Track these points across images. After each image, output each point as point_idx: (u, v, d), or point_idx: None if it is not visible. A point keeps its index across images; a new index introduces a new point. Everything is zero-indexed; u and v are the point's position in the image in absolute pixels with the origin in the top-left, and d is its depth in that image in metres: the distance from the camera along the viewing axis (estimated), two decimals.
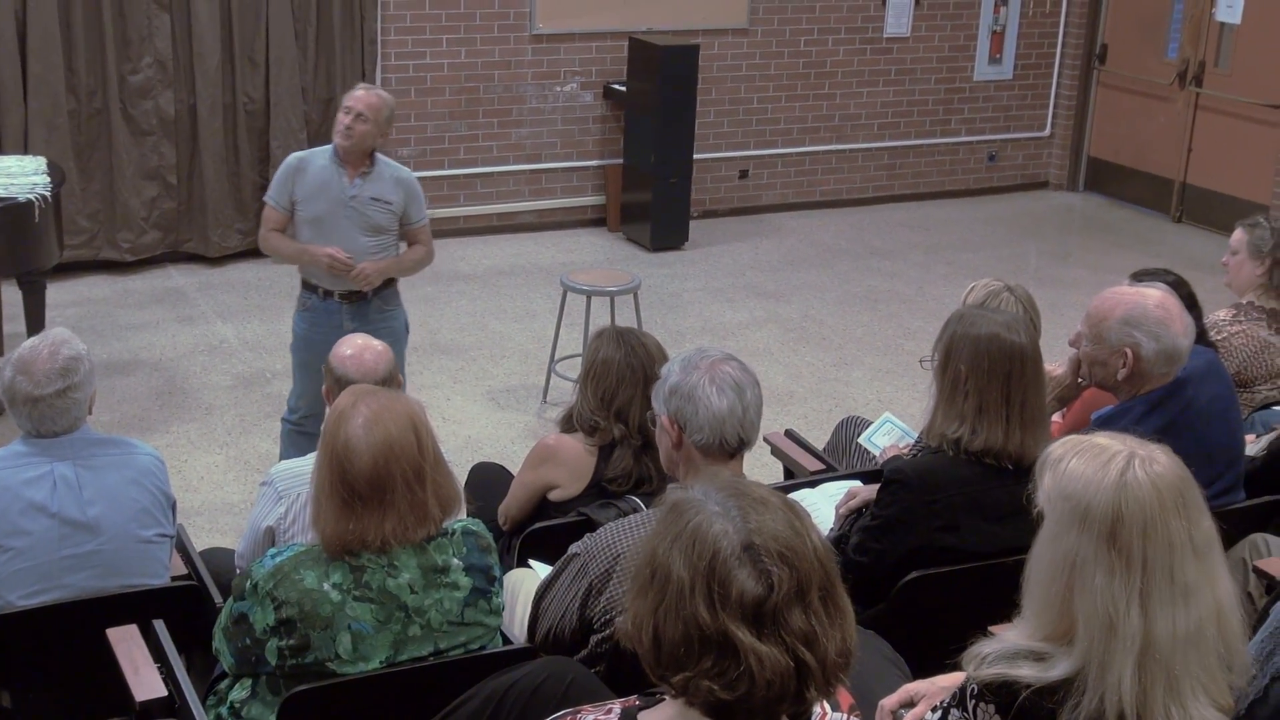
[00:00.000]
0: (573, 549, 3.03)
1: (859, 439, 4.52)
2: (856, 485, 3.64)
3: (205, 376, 6.66)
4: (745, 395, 2.97)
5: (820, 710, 1.90)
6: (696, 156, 8.96)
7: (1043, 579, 2.18)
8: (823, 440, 4.83)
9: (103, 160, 7.81)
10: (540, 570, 3.46)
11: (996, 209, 10.21)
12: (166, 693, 3.02)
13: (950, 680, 2.46)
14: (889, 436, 4.41)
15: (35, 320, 6.00)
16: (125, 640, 3.17)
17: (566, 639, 2.99)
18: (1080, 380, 3.75)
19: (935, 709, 2.35)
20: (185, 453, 5.86)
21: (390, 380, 3.75)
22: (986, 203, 10.34)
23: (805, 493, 3.85)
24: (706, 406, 2.94)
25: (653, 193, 8.71)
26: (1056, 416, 4.01)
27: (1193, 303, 4.22)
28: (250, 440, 6.00)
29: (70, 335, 3.51)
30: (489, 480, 4.37)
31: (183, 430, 6.09)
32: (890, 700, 2.57)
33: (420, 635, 2.88)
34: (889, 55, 9.85)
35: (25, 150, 7.30)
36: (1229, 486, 3.67)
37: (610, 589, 2.90)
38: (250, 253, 7.94)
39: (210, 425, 6.15)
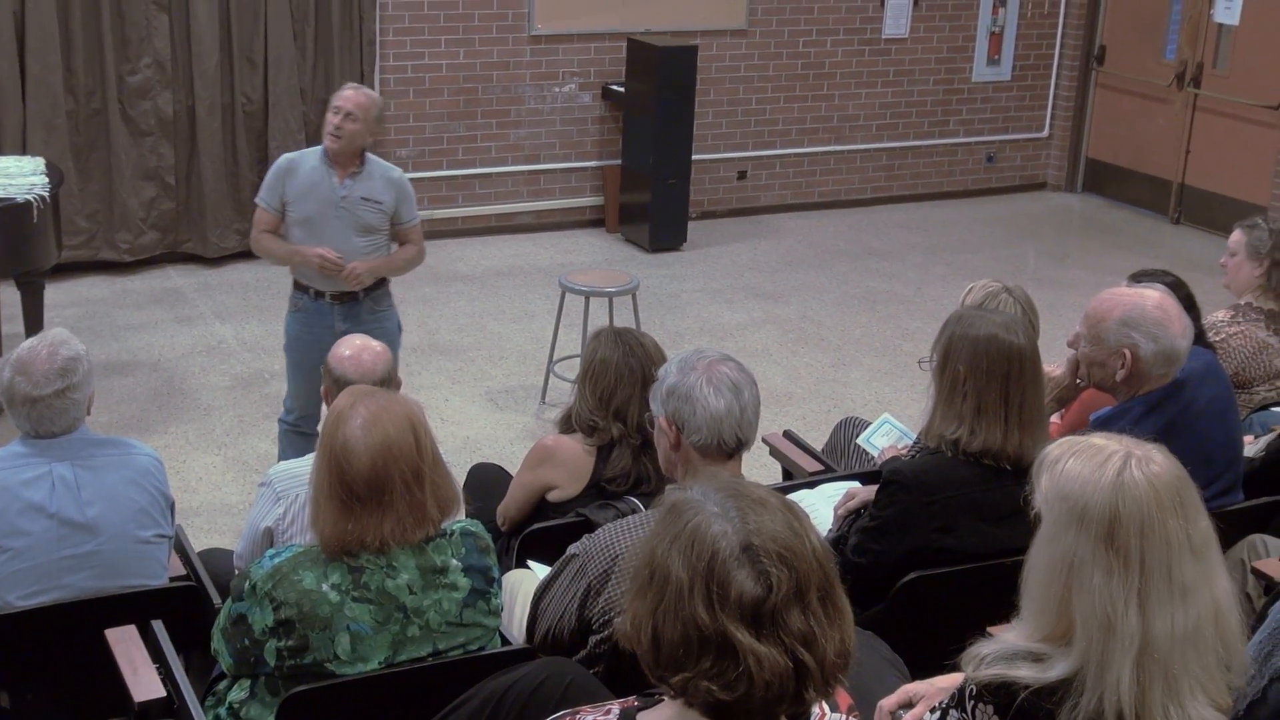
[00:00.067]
0: (571, 550, 3.04)
1: (857, 440, 4.52)
2: (855, 486, 3.64)
3: (204, 377, 6.66)
4: (743, 395, 2.97)
5: (819, 711, 1.91)
6: (695, 157, 8.96)
7: (1041, 580, 2.18)
8: (821, 441, 4.83)
9: (101, 161, 7.81)
10: (539, 571, 3.46)
11: (995, 210, 10.21)
12: (165, 693, 3.03)
13: (949, 681, 2.46)
14: (887, 437, 4.41)
15: (33, 321, 6.00)
16: (124, 641, 3.17)
17: (565, 640, 2.99)
18: (1079, 381, 3.75)
19: (934, 710, 2.35)
20: (184, 453, 5.86)
21: (389, 381, 3.75)
22: (985, 204, 10.34)
23: (804, 493, 3.85)
24: (704, 407, 2.94)
25: (651, 193, 8.70)
26: (1055, 417, 4.01)
27: (1191, 304, 4.23)
28: (249, 441, 6.00)
29: (69, 336, 3.50)
30: (487, 481, 4.37)
31: (181, 431, 6.09)
32: (889, 701, 2.57)
33: (419, 636, 2.88)
34: (887, 56, 9.86)
35: (24, 151, 7.29)
36: (1227, 487, 3.67)
37: (609, 590, 2.90)
38: (249, 253, 7.85)
39: (209, 426, 6.15)
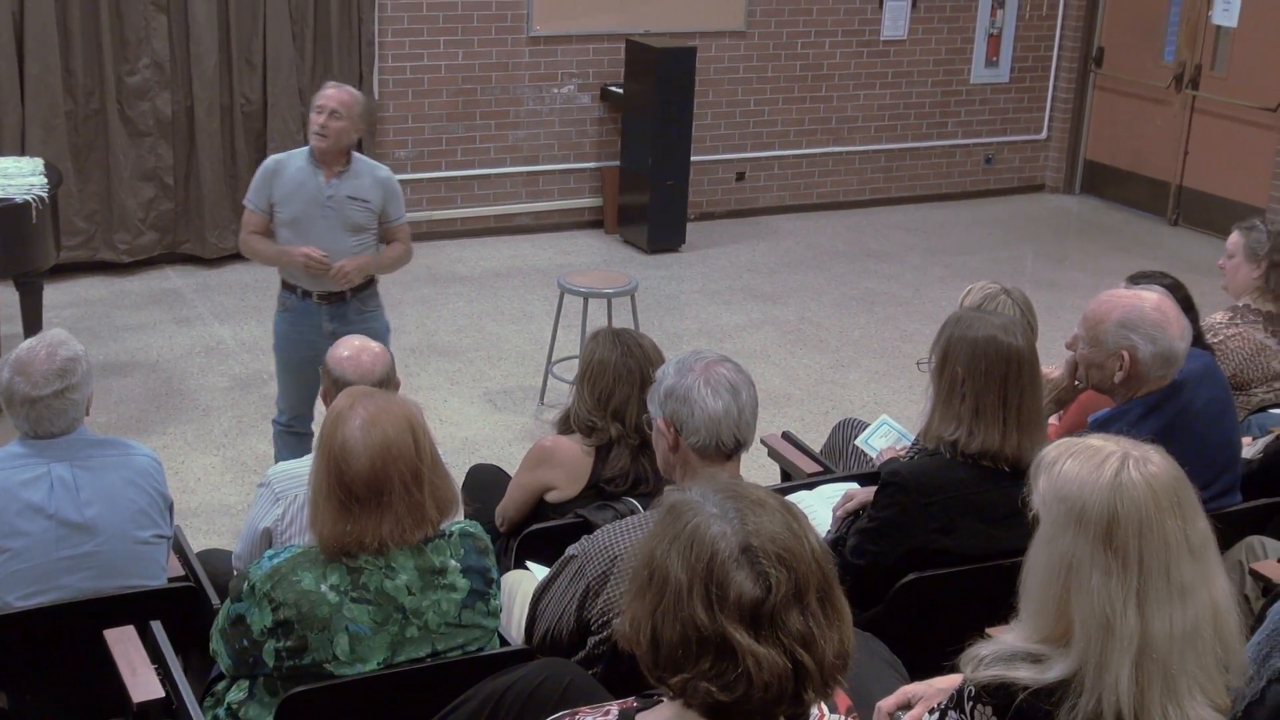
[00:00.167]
0: (570, 551, 3.04)
1: (856, 441, 4.52)
2: (853, 487, 3.64)
3: (202, 378, 6.66)
4: (740, 396, 2.97)
5: (818, 712, 1.91)
6: (693, 159, 8.96)
7: (1039, 581, 2.18)
8: (819, 442, 4.83)
9: (100, 161, 7.81)
10: (538, 572, 3.47)
11: (993, 212, 10.21)
12: (164, 694, 3.03)
13: (947, 682, 2.46)
14: (886, 439, 4.41)
15: (32, 321, 6.00)
16: (123, 641, 3.17)
17: (564, 640, 2.99)
18: (1077, 383, 3.75)
19: (932, 711, 2.35)
20: (182, 454, 5.86)
21: (388, 382, 3.75)
22: (983, 205, 10.34)
23: (802, 495, 3.85)
24: (702, 408, 2.94)
25: (650, 195, 8.70)
26: (1053, 419, 4.01)
27: (1189, 305, 4.23)
28: (247, 441, 5.99)
29: (68, 336, 3.50)
30: (486, 482, 4.37)
31: (180, 431, 6.09)
32: (888, 702, 2.57)
33: (418, 637, 2.88)
34: (886, 58, 9.86)
35: (22, 151, 7.29)
36: (1226, 489, 3.67)
37: (608, 591, 2.90)
38: None
39: (207, 426, 6.15)
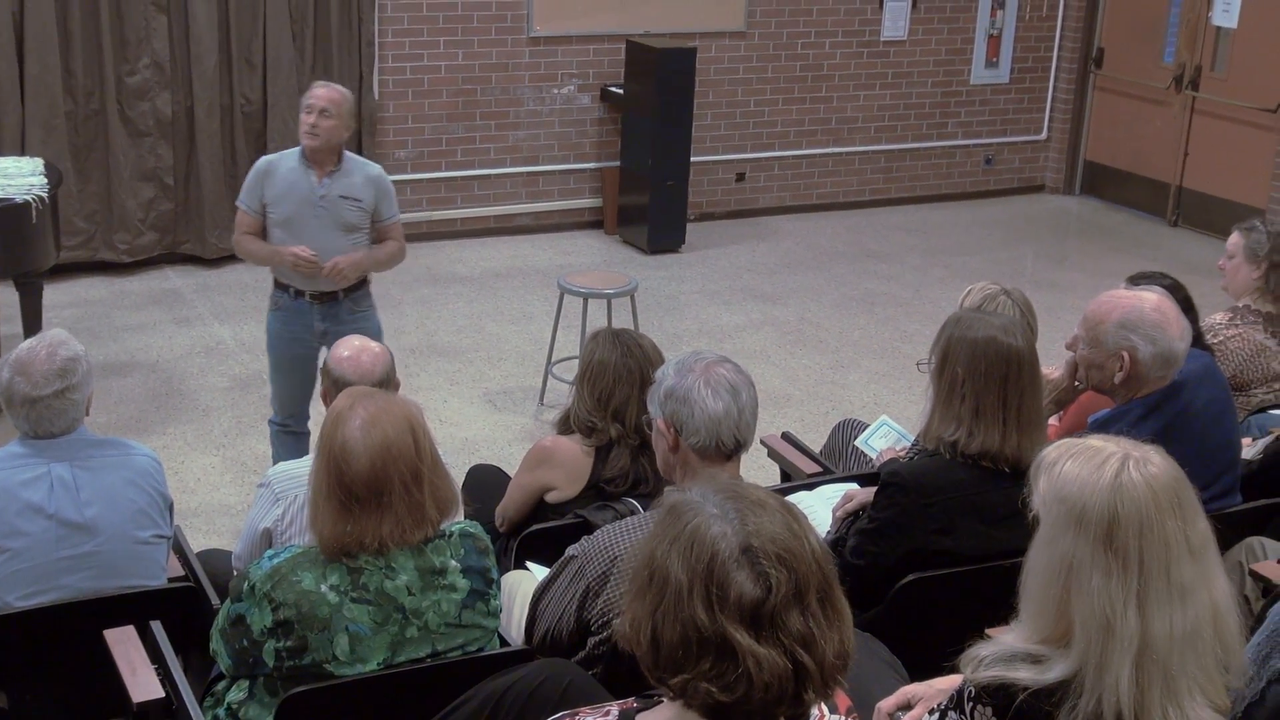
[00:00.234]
0: (570, 551, 3.04)
1: (856, 442, 4.52)
2: (853, 488, 3.64)
3: (202, 378, 6.66)
4: (740, 397, 2.97)
5: (818, 712, 1.91)
6: (693, 159, 8.97)
7: (1039, 581, 2.18)
8: (819, 443, 4.83)
9: (100, 161, 7.81)
10: (538, 572, 3.46)
11: (993, 212, 10.21)
12: (164, 694, 3.03)
13: (947, 683, 2.46)
14: (886, 439, 4.41)
15: (32, 321, 6.00)
16: (123, 641, 3.17)
17: (564, 641, 2.99)
18: (1077, 383, 3.75)
19: (932, 711, 2.35)
20: (182, 454, 5.86)
21: (388, 382, 3.75)
22: (983, 206, 10.34)
23: (802, 495, 3.85)
24: (702, 409, 2.94)
25: (650, 195, 8.70)
26: (1053, 419, 4.01)
27: (1189, 306, 4.23)
28: (247, 442, 5.99)
29: (68, 336, 3.50)
30: (486, 482, 4.37)
31: (179, 431, 6.09)
32: (888, 703, 2.57)
33: (418, 637, 2.88)
34: (886, 59, 9.86)
35: (22, 151, 7.29)
36: (1226, 490, 3.68)
37: (608, 591, 2.90)
38: None
39: (207, 427, 6.15)
